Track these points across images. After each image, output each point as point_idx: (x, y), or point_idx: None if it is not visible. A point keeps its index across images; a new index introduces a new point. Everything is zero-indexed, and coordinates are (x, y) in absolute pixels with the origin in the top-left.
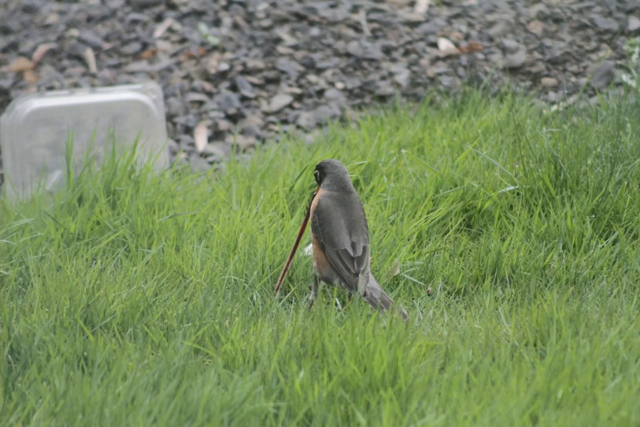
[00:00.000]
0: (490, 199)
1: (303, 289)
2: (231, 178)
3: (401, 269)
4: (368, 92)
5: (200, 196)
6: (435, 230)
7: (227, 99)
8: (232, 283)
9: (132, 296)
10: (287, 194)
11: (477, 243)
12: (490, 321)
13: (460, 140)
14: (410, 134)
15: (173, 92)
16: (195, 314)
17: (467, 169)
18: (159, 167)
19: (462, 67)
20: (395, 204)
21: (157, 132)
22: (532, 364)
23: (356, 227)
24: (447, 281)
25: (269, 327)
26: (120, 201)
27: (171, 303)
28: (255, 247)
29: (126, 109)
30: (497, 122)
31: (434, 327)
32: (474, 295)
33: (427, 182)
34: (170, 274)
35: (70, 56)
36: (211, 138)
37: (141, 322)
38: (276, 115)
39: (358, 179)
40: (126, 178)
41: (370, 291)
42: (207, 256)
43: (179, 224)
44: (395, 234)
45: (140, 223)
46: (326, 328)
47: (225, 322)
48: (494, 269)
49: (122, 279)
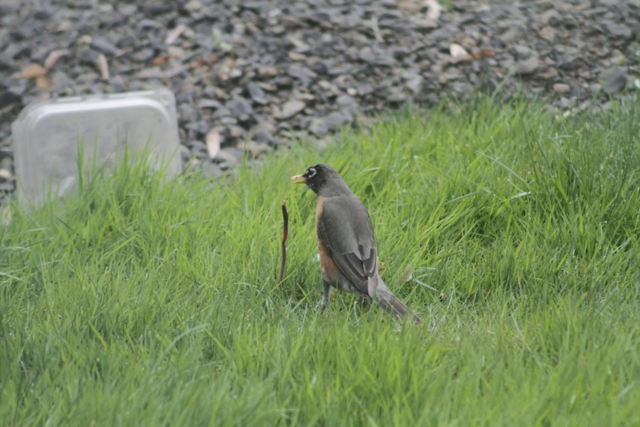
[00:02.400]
0: (503, 205)
1: (315, 295)
2: (243, 184)
3: (414, 275)
4: (380, 98)
5: (212, 202)
6: (448, 236)
7: (239, 105)
8: (245, 289)
9: (144, 302)
10: (299, 200)
11: (490, 249)
12: (502, 327)
13: (473, 146)
14: (423, 140)
15: (185, 99)
16: (208, 319)
17: (480, 175)
18: (171, 173)
19: (474, 73)
20: (407, 209)
21: (169, 138)
22: (545, 370)
23: (362, 230)
24: (459, 286)
25: (282, 333)
26: (133, 207)
27: (183, 309)
28: (267, 253)
29: (138, 115)
30: (510, 128)
31: (447, 333)
32: (487, 301)
33: (439, 188)
34: (183, 280)
35: (83, 63)
36: (223, 144)
37: (153, 328)
38: (288, 121)
39: (370, 185)
40: (138, 184)
41: (380, 294)
42: (219, 262)
43: (192, 230)
44: (407, 239)
45: (153, 229)
46: (338, 334)
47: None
48: (507, 275)
49: (134, 284)
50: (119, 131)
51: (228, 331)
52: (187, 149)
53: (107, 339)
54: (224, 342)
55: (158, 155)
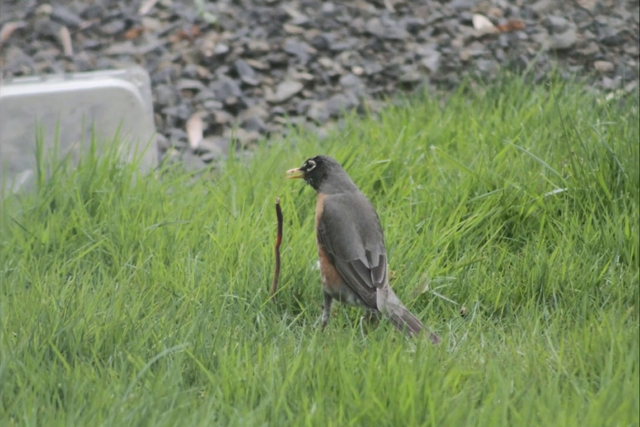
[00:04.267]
0: (535, 204)
1: (315, 309)
2: (230, 179)
3: (430, 285)
4: (391, 78)
5: (194, 200)
6: (470, 240)
7: (225, 87)
8: (232, 302)
9: (114, 318)
10: (295, 197)
11: (520, 255)
12: (535, 347)
13: (500, 135)
14: (441, 127)
15: (162, 79)
16: (189, 338)
17: (508, 169)
18: (145, 166)
19: (501, 49)
20: (423, 209)
21: (144, 125)
22: (585, 398)
23: (370, 233)
24: (484, 299)
25: (275, 354)
26: (100, 206)
27: (160, 326)
28: (258, 260)
29: (107, 99)
30: (543, 114)
31: (469, 353)
32: (516, 316)
33: (460, 183)
34: (159, 292)
35: (42, 37)
36: (207, 132)
37: (125, 348)
38: (283, 105)
39: (379, 181)
40: (107, 179)
41: (391, 308)
42: (202, 271)
43: (169, 233)
44: (423, 244)
45: (124, 232)
46: (342, 355)
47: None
48: (539, 286)
49: (102, 297)
50: (85, 117)
51: (212, 351)
52: (165, 137)
53: (70, 361)
54: (208, 365)
55: (130, 145)
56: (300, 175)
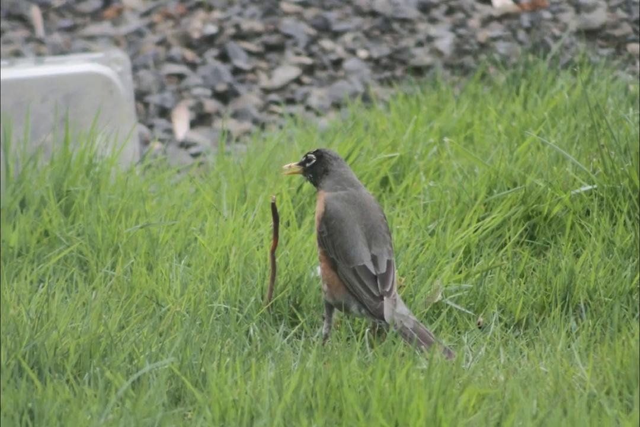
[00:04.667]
0: (561, 203)
1: (315, 321)
2: (220, 175)
3: (444, 294)
4: (400, 62)
5: (180, 199)
6: (488, 243)
7: (214, 72)
8: (222, 313)
9: (91, 330)
10: (293, 196)
11: (543, 260)
12: (560, 362)
13: (521, 126)
14: (456, 117)
15: (144, 63)
16: (174, 353)
17: (530, 163)
18: (126, 160)
19: (523, 30)
20: (435, 208)
21: (124, 115)
22: (616, 419)
23: (376, 235)
24: (503, 309)
25: (271, 370)
26: (75, 206)
27: (142, 339)
28: (252, 266)
29: (83, 85)
30: (569, 102)
31: (487, 370)
32: (539, 328)
33: (477, 180)
34: (141, 301)
35: (10, 16)
36: (194, 123)
37: (102, 364)
38: (279, 92)
39: (387, 177)
40: (83, 175)
41: (400, 319)
42: (189, 278)
43: (153, 236)
44: (435, 248)
45: (102, 234)
46: (345, 371)
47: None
48: (565, 294)
49: (77, 307)
50: (58, 106)
51: (200, 367)
52: (147, 128)
53: (42, 378)
54: (195, 383)
55: (109, 137)
56: (298, 171)
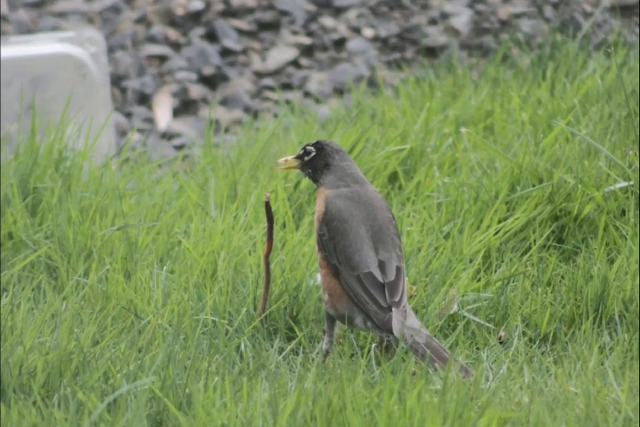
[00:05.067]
0: (593, 201)
1: (314, 335)
2: (208, 170)
3: (460, 304)
4: (410, 42)
5: (162, 197)
6: (511, 247)
7: (201, 54)
8: (210, 326)
9: (61, 345)
10: (290, 193)
11: (573, 266)
12: (592, 382)
13: (548, 114)
14: (474, 104)
15: (121, 43)
16: (155, 371)
17: (558, 157)
18: (100, 153)
19: (549, 6)
20: (451, 208)
21: (98, 102)
22: None
23: (383, 238)
24: (528, 322)
25: (265, 391)
26: (44, 204)
27: (119, 355)
28: (243, 273)
29: (52, 68)
30: (603, 87)
31: (510, 390)
32: (568, 343)
33: (498, 175)
34: (118, 313)
35: None
36: (178, 111)
37: (74, 384)
38: (274, 77)
39: (396, 172)
40: (52, 170)
41: (411, 333)
42: (172, 286)
43: (131, 239)
44: (451, 252)
45: (73, 237)
46: (349, 392)
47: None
48: (598, 305)
49: (45, 319)
50: (24, 91)
51: (185, 387)
52: (125, 117)
53: (5, 400)
54: (179, 405)
55: (81, 127)
56: (295, 166)
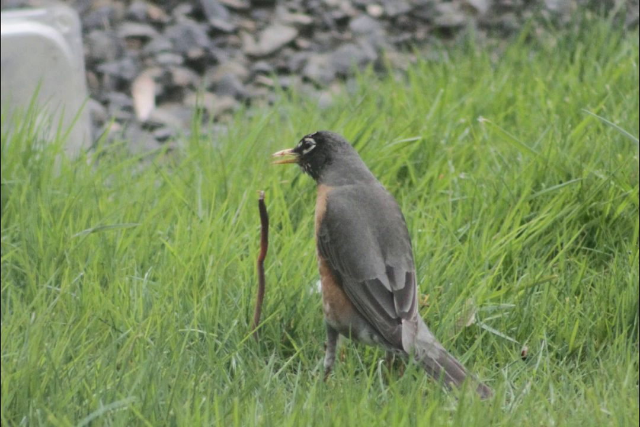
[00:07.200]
0: (627, 200)
1: (314, 350)
2: (195, 165)
3: (478, 315)
4: (422, 21)
5: (143, 195)
6: (535, 251)
7: (187, 34)
8: (197, 340)
9: (30, 362)
10: (287, 191)
11: (605, 273)
12: (626, 403)
13: (577, 102)
14: (493, 91)
15: (97, 22)
16: (136, 391)
17: (588, 150)
18: (74, 146)
19: None
20: (468, 207)
21: (71, 88)
22: None
23: (392, 241)
24: (554, 335)
25: (259, 412)
26: (10, 204)
27: (94, 373)
28: (234, 280)
29: (19, 50)
30: (637, 72)
31: (534, 412)
32: (600, 359)
33: (521, 171)
34: (93, 325)
35: None
36: (161, 98)
37: (45, 405)
38: (269, 60)
39: (406, 167)
40: (19, 165)
41: (423, 348)
42: (154, 295)
43: (108, 242)
44: (468, 257)
45: (43, 240)
46: (353, 414)
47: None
48: (633, 317)
49: (12, 332)
50: None
51: (169, 409)
52: (101, 105)
53: None
54: None
55: (52, 117)
56: (293, 160)
